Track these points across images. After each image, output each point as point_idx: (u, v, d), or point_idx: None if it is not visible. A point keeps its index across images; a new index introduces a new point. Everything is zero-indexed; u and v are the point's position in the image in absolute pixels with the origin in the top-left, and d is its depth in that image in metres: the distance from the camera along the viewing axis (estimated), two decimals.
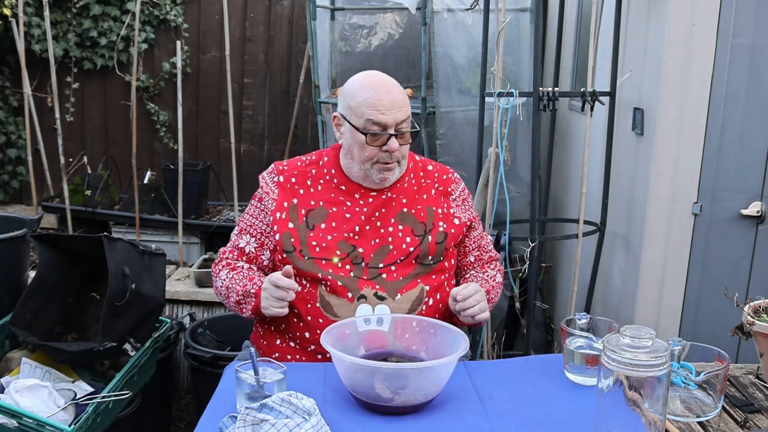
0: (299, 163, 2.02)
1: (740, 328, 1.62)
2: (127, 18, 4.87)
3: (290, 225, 1.91)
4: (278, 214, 1.93)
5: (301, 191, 1.96)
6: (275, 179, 1.99)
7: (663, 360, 1.29)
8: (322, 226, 1.91)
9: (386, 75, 1.95)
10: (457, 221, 1.99)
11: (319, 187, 1.96)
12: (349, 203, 1.93)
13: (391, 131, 1.86)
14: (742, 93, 2.54)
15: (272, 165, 2.04)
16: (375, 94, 1.86)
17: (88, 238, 2.58)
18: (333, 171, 1.97)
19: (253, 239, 1.99)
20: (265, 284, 1.83)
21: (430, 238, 1.93)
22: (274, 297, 1.80)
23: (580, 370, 1.67)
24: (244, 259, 2.01)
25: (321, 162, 2.00)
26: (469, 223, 2.03)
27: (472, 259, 2.08)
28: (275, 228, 1.92)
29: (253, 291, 1.89)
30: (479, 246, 2.09)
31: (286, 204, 1.94)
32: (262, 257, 1.99)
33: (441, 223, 1.97)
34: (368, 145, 1.86)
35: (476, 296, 1.83)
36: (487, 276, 2.05)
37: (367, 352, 1.70)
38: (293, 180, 1.98)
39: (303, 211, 1.93)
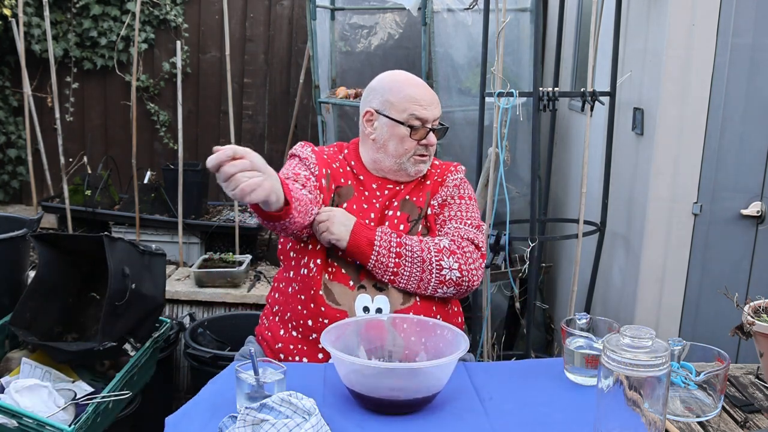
0: (326, 149, 2.09)
1: (740, 328, 1.62)
2: (127, 18, 4.87)
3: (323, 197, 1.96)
4: (323, 180, 1.97)
5: (334, 165, 2.02)
6: (308, 149, 2.03)
7: (663, 360, 1.29)
8: (344, 205, 1.96)
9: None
10: (435, 203, 2.03)
11: (347, 169, 2.04)
12: (367, 193, 1.99)
13: (429, 126, 1.98)
14: (742, 93, 2.54)
15: (300, 142, 2.08)
16: (418, 90, 1.98)
17: (88, 238, 2.59)
18: (353, 163, 2.04)
19: (310, 182, 1.93)
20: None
21: (419, 227, 1.98)
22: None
23: (580, 371, 1.67)
24: (311, 182, 1.94)
25: (342, 154, 2.08)
26: (440, 200, 2.03)
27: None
28: (321, 196, 1.94)
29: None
30: (448, 219, 2.00)
31: (324, 171, 1.99)
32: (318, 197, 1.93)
33: (430, 211, 2.02)
34: (410, 138, 1.96)
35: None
36: (425, 239, 1.93)
37: (367, 351, 1.70)
38: (325, 156, 2.04)
39: (333, 186, 1.99)
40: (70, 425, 2.16)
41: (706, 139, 2.58)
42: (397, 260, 1.87)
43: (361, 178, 2.02)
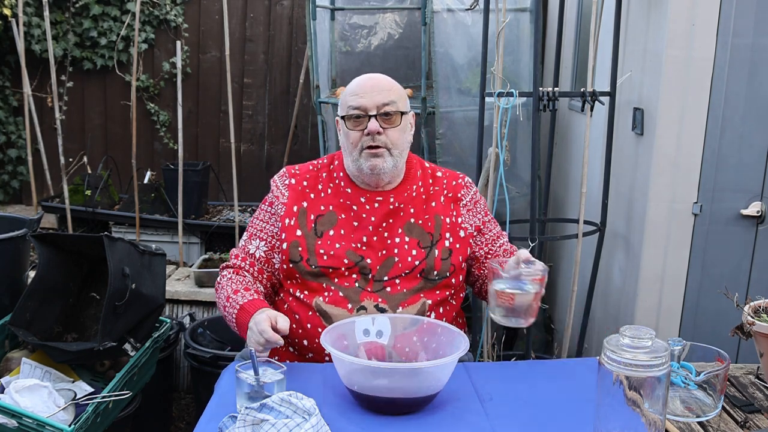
0: (311, 167, 2.00)
1: (740, 328, 1.62)
2: (127, 18, 4.87)
3: (298, 233, 1.88)
4: (287, 221, 1.91)
5: (312, 195, 1.94)
6: (286, 182, 1.97)
7: (663, 360, 1.29)
8: (331, 233, 1.88)
9: (384, 75, 1.96)
10: (462, 233, 1.93)
11: (329, 191, 1.94)
12: (356, 207, 1.90)
13: (372, 113, 1.85)
14: (742, 93, 2.54)
15: (284, 168, 2.02)
16: (357, 82, 1.91)
17: (88, 238, 2.58)
18: (341, 174, 1.95)
19: (263, 243, 1.95)
20: (252, 324, 1.72)
21: (436, 252, 1.88)
22: (253, 340, 1.71)
23: (493, 309, 1.65)
24: (256, 267, 1.95)
25: (332, 165, 1.99)
26: (475, 232, 1.97)
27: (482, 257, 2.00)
28: (283, 236, 1.90)
29: (241, 302, 1.81)
30: (491, 242, 2.01)
31: (295, 208, 1.91)
32: (274, 260, 1.95)
33: (448, 235, 1.91)
34: (351, 130, 1.87)
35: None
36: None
37: (367, 351, 1.70)
38: (305, 183, 1.96)
39: (312, 217, 1.90)
40: (70, 425, 2.16)
41: (706, 139, 2.58)
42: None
43: (349, 191, 1.92)
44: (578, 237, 2.84)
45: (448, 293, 1.90)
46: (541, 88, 2.77)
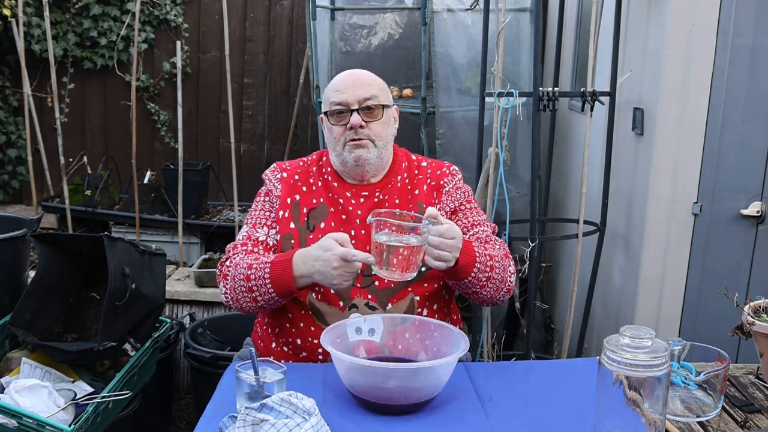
0: (301, 163, 2.03)
1: (740, 328, 1.62)
2: (127, 18, 4.87)
3: (291, 225, 1.90)
4: (281, 213, 1.92)
5: (304, 188, 1.96)
6: (278, 176, 1.99)
7: (663, 360, 1.29)
8: (322, 225, 1.89)
9: (366, 71, 1.99)
10: (442, 213, 1.91)
11: (320, 184, 1.97)
12: (342, 201, 1.92)
13: (354, 107, 1.88)
14: (742, 93, 2.54)
15: (274, 164, 2.04)
16: (338, 78, 1.94)
17: (88, 238, 2.58)
18: (329, 169, 1.98)
19: (273, 231, 1.93)
20: (336, 263, 1.66)
21: None
22: (350, 272, 1.68)
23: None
24: (271, 253, 1.90)
25: (321, 161, 2.01)
26: (450, 210, 1.94)
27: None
28: (277, 228, 1.92)
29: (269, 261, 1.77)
30: (468, 228, 1.95)
31: (289, 200, 1.94)
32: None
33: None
34: (334, 125, 1.90)
35: (449, 241, 1.67)
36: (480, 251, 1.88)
37: (367, 351, 1.70)
38: (296, 177, 1.98)
39: (305, 210, 1.92)
40: (70, 425, 2.16)
41: (706, 139, 2.58)
42: (489, 273, 1.80)
43: (335, 185, 1.94)
44: (578, 237, 2.84)
45: (436, 286, 1.88)
46: (541, 88, 2.77)
